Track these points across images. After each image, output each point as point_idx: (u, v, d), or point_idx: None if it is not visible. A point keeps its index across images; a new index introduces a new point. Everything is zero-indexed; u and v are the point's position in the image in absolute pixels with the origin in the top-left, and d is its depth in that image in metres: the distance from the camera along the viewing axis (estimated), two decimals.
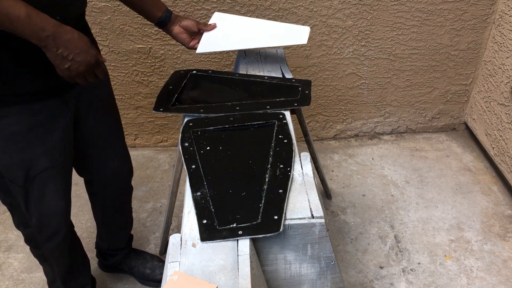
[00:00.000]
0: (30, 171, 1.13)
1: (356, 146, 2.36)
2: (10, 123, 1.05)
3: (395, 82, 2.24)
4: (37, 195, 1.17)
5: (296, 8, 1.95)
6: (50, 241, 1.26)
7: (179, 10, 1.91)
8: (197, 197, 1.02)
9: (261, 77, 1.46)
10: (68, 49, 0.96)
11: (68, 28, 0.96)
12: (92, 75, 1.03)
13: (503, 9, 1.99)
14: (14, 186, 1.14)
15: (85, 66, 0.99)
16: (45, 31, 0.92)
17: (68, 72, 0.98)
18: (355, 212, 1.95)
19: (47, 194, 1.18)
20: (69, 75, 0.99)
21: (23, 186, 1.14)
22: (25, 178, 1.13)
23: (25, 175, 1.12)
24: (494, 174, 2.14)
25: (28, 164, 1.12)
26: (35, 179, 1.14)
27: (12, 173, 1.11)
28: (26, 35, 0.91)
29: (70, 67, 0.98)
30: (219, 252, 0.90)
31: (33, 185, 1.15)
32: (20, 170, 1.12)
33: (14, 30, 0.90)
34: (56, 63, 0.97)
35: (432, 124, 2.43)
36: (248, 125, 1.24)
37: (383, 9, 1.99)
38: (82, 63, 0.98)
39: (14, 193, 1.16)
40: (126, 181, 1.49)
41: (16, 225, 1.27)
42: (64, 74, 0.99)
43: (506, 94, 2.00)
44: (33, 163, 1.12)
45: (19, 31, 0.90)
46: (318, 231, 0.96)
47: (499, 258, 1.74)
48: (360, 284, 1.65)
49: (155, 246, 1.81)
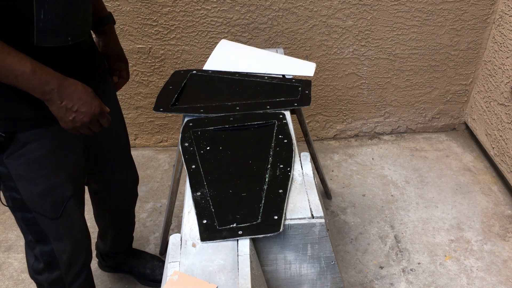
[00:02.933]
0: (58, 201, 1.07)
1: (356, 146, 2.36)
2: (34, 149, 1.01)
3: (395, 82, 2.24)
4: (69, 226, 1.11)
5: (296, 8, 1.95)
6: (79, 278, 1.20)
7: (179, 10, 1.91)
8: (197, 197, 1.02)
9: (261, 77, 1.47)
10: (73, 101, 0.94)
11: (72, 80, 0.95)
12: (97, 124, 1.02)
13: (503, 9, 1.99)
14: (44, 219, 1.07)
15: (89, 116, 0.98)
16: (49, 84, 0.91)
17: (73, 124, 0.97)
18: (355, 212, 1.95)
19: (76, 222, 1.13)
20: (73, 126, 0.97)
21: (56, 218, 1.07)
22: (55, 209, 1.06)
23: (54, 206, 1.06)
24: (494, 174, 2.14)
25: (55, 192, 1.06)
26: (65, 208, 1.08)
27: (40, 204, 1.05)
28: (30, 89, 0.90)
29: (74, 119, 0.96)
30: (219, 252, 0.90)
31: (63, 216, 1.09)
32: (49, 201, 1.05)
33: (19, 85, 0.89)
34: (59, 115, 0.95)
35: (432, 124, 2.43)
36: (248, 125, 1.24)
37: (383, 9, 1.99)
38: (87, 113, 0.97)
39: (43, 228, 1.08)
40: (133, 191, 1.48)
41: (39, 271, 1.16)
42: (68, 126, 0.97)
43: (506, 94, 2.00)
44: (60, 190, 1.07)
45: (23, 85, 0.89)
46: (318, 231, 0.96)
47: (499, 258, 1.74)
48: (360, 284, 1.65)
49: (155, 246, 1.81)
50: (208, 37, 2.00)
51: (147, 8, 1.90)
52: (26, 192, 1.03)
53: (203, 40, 2.01)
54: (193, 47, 2.03)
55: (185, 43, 2.01)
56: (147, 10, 1.91)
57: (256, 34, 2.01)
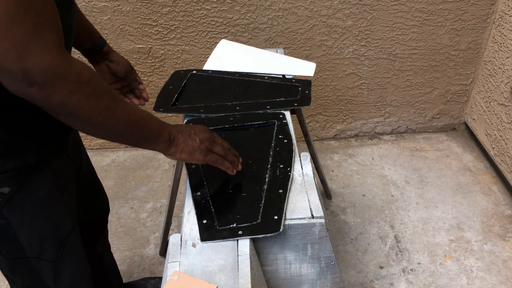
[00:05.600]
0: (58, 239, 0.96)
1: (356, 146, 2.36)
2: (36, 189, 0.88)
3: (395, 82, 2.24)
4: (69, 265, 1.01)
5: (296, 8, 1.95)
6: None
7: (179, 10, 1.91)
8: (197, 197, 1.02)
9: (261, 77, 1.46)
10: (187, 128, 0.91)
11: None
12: (230, 153, 0.97)
13: (503, 9, 1.99)
14: (41, 263, 0.95)
15: (214, 136, 0.94)
16: (165, 124, 0.87)
17: (205, 148, 0.91)
18: (355, 212, 1.95)
19: (77, 259, 1.04)
20: (208, 150, 0.91)
21: (56, 261, 0.97)
22: (55, 250, 0.96)
23: (54, 246, 0.96)
24: (494, 174, 2.14)
25: (55, 231, 0.95)
26: (65, 246, 0.98)
27: (38, 247, 0.93)
28: (157, 134, 0.84)
29: (203, 141, 0.91)
30: (219, 252, 0.90)
31: (63, 256, 0.98)
32: (49, 241, 0.94)
33: (147, 132, 0.83)
34: (189, 147, 0.89)
35: (432, 124, 2.43)
36: (248, 125, 1.24)
37: (383, 9, 1.99)
38: (208, 133, 0.93)
39: (40, 273, 0.97)
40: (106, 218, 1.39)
41: None
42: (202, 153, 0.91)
43: (506, 94, 2.00)
44: (59, 227, 0.96)
45: (153, 131, 0.83)
46: (318, 231, 0.96)
47: (499, 258, 1.74)
48: (360, 284, 1.65)
49: (155, 246, 1.81)
50: (208, 37, 2.00)
51: (147, 8, 1.90)
52: (25, 239, 0.92)
53: (203, 40, 2.01)
54: (193, 47, 2.03)
55: (185, 43, 2.01)
56: (147, 10, 1.91)
57: (256, 34, 2.01)
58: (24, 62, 0.62)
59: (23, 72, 0.63)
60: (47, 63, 0.64)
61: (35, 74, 0.63)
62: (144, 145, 0.85)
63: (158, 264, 1.75)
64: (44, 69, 0.64)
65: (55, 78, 0.65)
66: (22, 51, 0.62)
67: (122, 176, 2.15)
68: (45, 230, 0.94)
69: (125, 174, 2.17)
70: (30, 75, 0.63)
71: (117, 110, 0.76)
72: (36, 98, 0.67)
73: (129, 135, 0.81)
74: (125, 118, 0.78)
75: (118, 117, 0.77)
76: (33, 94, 0.66)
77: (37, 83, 0.64)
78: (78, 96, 0.69)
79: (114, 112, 0.76)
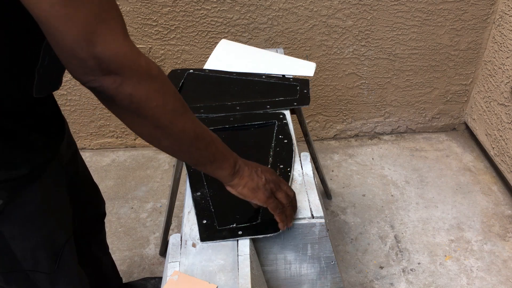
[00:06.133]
0: (54, 251, 0.94)
1: (356, 146, 2.36)
2: (26, 201, 0.86)
3: (395, 82, 2.24)
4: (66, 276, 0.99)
5: (296, 8, 1.95)
6: None
7: (179, 10, 1.91)
8: (197, 197, 1.02)
9: (259, 76, 1.46)
10: (253, 165, 0.85)
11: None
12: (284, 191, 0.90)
13: (503, 9, 1.99)
14: (37, 275, 0.93)
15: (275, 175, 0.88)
16: (232, 152, 0.82)
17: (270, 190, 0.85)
18: (355, 212, 1.95)
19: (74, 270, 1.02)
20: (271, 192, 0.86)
21: (51, 273, 0.95)
22: (51, 262, 0.94)
23: (50, 258, 0.94)
24: (494, 174, 2.14)
25: (49, 243, 0.93)
26: (61, 258, 0.96)
27: (32, 260, 0.91)
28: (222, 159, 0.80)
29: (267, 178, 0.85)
30: (219, 252, 0.90)
31: (60, 268, 0.96)
32: (43, 253, 0.92)
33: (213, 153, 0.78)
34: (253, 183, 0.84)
35: (432, 124, 2.43)
36: (248, 125, 1.24)
37: (383, 9, 1.99)
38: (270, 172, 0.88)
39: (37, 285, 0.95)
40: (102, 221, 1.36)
41: None
42: (268, 195, 0.85)
43: (506, 94, 2.00)
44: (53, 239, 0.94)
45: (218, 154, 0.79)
46: (318, 231, 0.96)
47: (499, 258, 1.74)
48: (360, 284, 1.65)
49: (155, 246, 1.81)
50: (208, 37, 2.00)
51: (147, 8, 1.90)
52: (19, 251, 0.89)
53: (203, 40, 2.01)
54: (193, 47, 2.03)
55: (185, 43, 2.01)
56: (147, 10, 1.91)
57: (256, 34, 2.01)
58: (94, 47, 0.59)
59: (94, 59, 0.60)
60: (117, 49, 0.61)
61: (106, 61, 0.61)
62: (208, 167, 0.80)
63: (158, 264, 1.75)
64: (115, 55, 0.61)
65: (126, 66, 0.63)
66: (90, 36, 0.59)
67: (122, 176, 2.15)
68: (38, 243, 0.91)
69: (125, 174, 2.17)
70: (101, 62, 0.61)
71: (184, 116, 0.72)
72: (108, 89, 0.63)
73: (195, 150, 0.76)
74: (192, 128, 0.73)
75: (185, 124, 0.72)
76: (106, 85, 0.63)
77: (110, 70, 0.62)
78: (147, 88, 0.66)
79: (181, 117, 0.71)
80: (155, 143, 0.73)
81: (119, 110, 0.68)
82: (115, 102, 0.66)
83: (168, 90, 0.70)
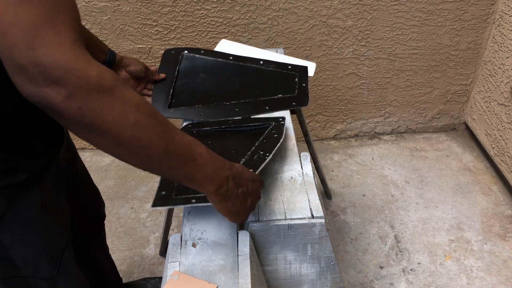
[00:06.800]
0: (53, 256, 0.93)
1: (356, 146, 2.36)
2: (26, 207, 0.84)
3: (395, 82, 2.24)
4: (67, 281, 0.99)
5: (296, 8, 1.95)
6: None
7: (179, 10, 1.91)
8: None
9: (257, 62, 1.45)
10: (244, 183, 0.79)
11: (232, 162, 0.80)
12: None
13: (503, 9, 1.99)
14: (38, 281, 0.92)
15: (259, 192, 0.84)
16: (224, 169, 0.75)
17: (250, 210, 0.82)
18: (355, 212, 1.95)
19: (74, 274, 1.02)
20: (250, 212, 0.83)
21: (52, 278, 0.94)
22: (51, 267, 0.93)
23: (50, 263, 0.93)
24: (494, 174, 2.14)
25: (49, 248, 0.92)
26: (61, 263, 0.95)
27: (32, 266, 0.90)
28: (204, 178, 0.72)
29: (252, 203, 0.81)
30: (219, 252, 0.90)
31: (60, 272, 0.95)
32: (43, 259, 0.91)
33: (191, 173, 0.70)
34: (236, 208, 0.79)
35: (432, 124, 2.43)
36: (245, 125, 1.24)
37: (383, 9, 1.99)
38: (257, 190, 0.83)
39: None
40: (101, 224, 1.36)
41: None
42: (246, 215, 0.82)
43: (506, 94, 2.00)
44: (53, 244, 0.93)
45: (198, 174, 0.71)
46: (318, 231, 0.96)
47: (499, 258, 1.74)
48: (360, 284, 1.65)
49: (155, 246, 1.81)
50: (208, 37, 2.00)
51: (147, 8, 1.90)
52: (19, 257, 0.88)
53: (203, 40, 2.01)
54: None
55: (185, 43, 2.01)
56: (147, 10, 1.91)
57: (256, 34, 2.01)
58: (34, 52, 0.53)
59: (36, 66, 0.53)
60: (60, 56, 0.54)
61: (48, 68, 0.54)
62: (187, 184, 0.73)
63: (158, 264, 1.75)
64: (57, 62, 0.54)
65: (71, 76, 0.55)
66: (31, 39, 0.53)
67: (122, 176, 2.15)
68: (38, 248, 0.90)
69: (125, 174, 2.17)
70: (42, 69, 0.54)
71: (150, 131, 0.63)
72: (53, 103, 0.56)
73: (167, 169, 0.68)
74: (161, 145, 0.65)
75: (151, 141, 0.64)
76: (50, 97, 0.55)
77: (53, 80, 0.54)
78: (100, 102, 0.58)
79: (145, 132, 0.63)
80: (121, 159, 0.66)
81: (73, 126, 0.60)
82: (63, 117, 0.58)
83: (128, 102, 0.61)
